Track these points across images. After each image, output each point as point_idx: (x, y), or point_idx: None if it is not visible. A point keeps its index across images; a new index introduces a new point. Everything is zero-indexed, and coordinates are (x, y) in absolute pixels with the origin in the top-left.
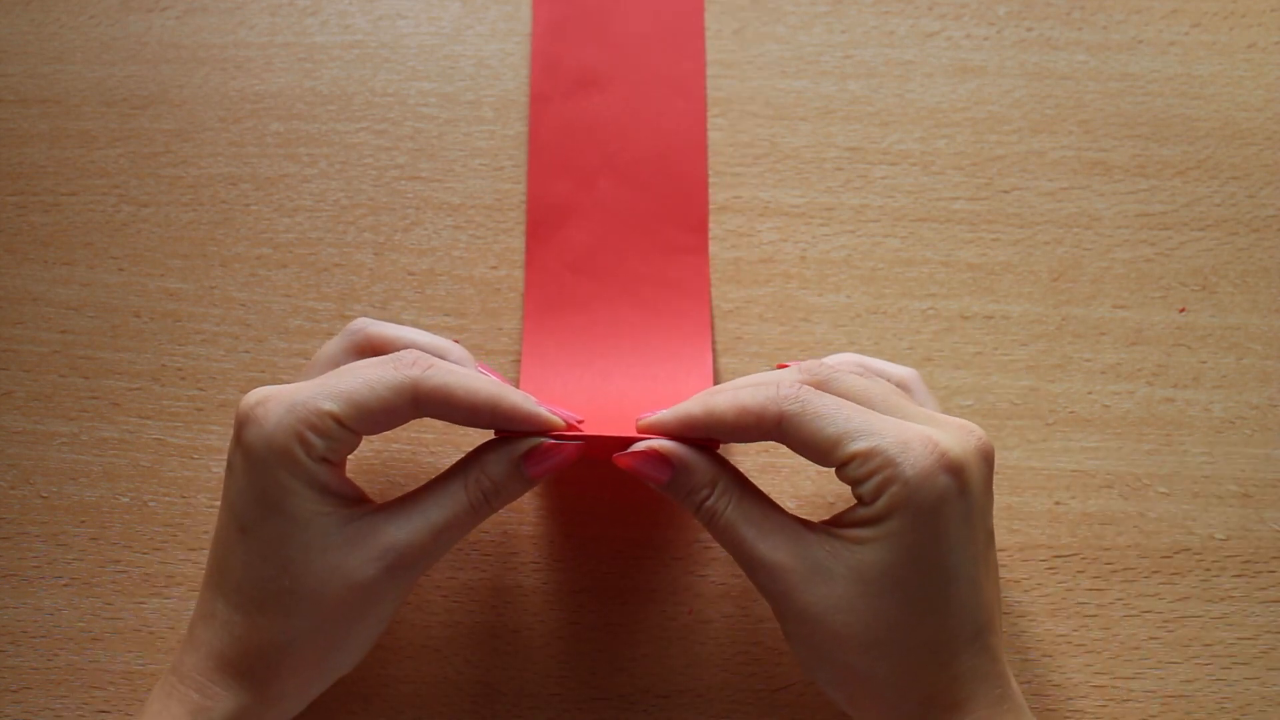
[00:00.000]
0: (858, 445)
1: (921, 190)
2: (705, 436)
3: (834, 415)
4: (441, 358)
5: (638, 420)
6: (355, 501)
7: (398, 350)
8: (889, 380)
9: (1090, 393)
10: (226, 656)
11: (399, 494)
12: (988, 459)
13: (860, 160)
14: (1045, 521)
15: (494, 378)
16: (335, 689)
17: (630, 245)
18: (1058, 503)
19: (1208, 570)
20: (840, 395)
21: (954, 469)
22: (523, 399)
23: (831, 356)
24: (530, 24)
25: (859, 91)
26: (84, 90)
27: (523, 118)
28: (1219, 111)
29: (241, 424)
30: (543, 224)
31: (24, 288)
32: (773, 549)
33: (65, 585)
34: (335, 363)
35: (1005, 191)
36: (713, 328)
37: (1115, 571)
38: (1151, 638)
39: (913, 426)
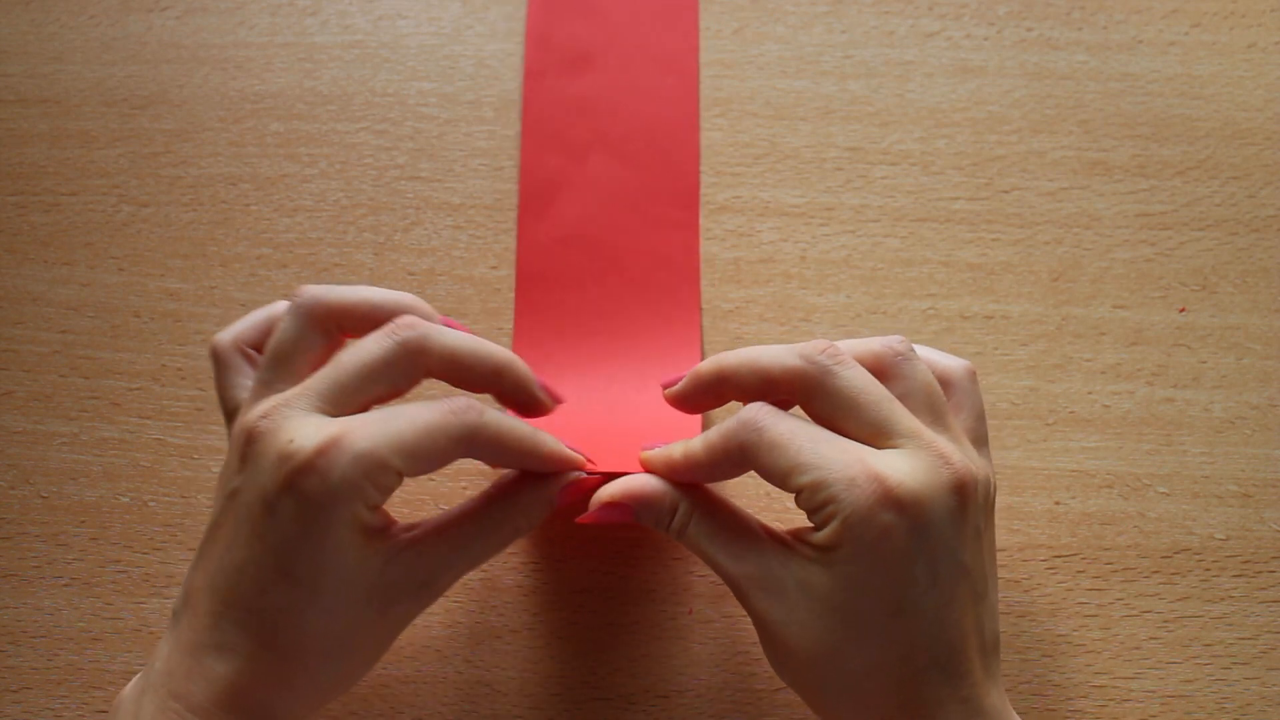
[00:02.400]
0: (804, 479)
1: (921, 190)
2: (693, 480)
3: (787, 445)
4: (409, 312)
5: (640, 454)
6: (388, 530)
7: (359, 312)
8: (935, 371)
9: (1090, 393)
10: (249, 691)
11: None
12: (961, 491)
13: (860, 160)
14: (1045, 521)
15: (507, 413)
16: None
17: (621, 220)
18: (1058, 503)
19: (1208, 570)
20: (834, 393)
21: (900, 505)
22: (555, 445)
23: (879, 338)
24: (526, 1)
25: (859, 91)
26: (84, 90)
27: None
28: (1219, 111)
29: (299, 472)
30: (535, 198)
31: (24, 288)
32: (734, 560)
33: (65, 585)
34: (301, 350)
35: (1005, 191)
36: (701, 304)
37: (1115, 571)
38: (1151, 638)
39: (868, 458)
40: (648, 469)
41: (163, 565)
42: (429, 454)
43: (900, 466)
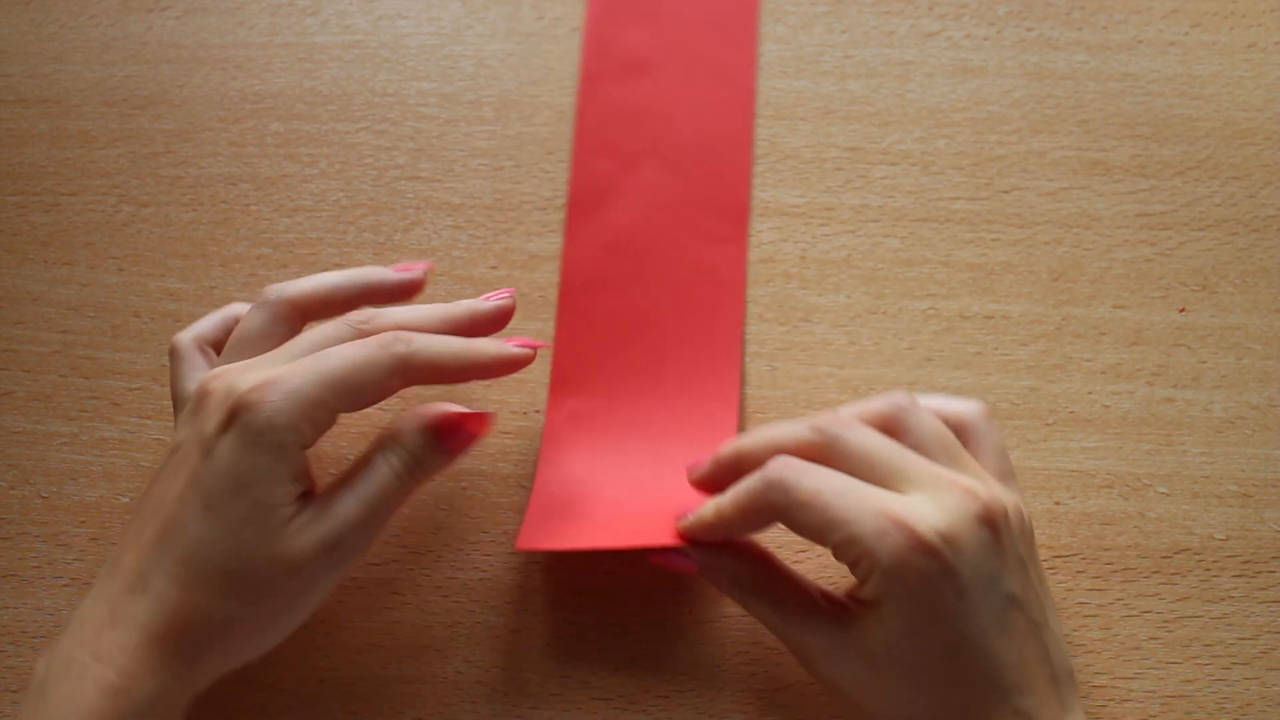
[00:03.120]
0: (836, 535)
1: (921, 190)
2: (728, 536)
3: (813, 503)
4: (367, 286)
5: (677, 524)
6: (309, 488)
7: (319, 298)
8: (945, 419)
9: (1090, 393)
10: (155, 633)
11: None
12: (991, 521)
13: (860, 160)
14: (1045, 521)
15: (460, 340)
16: (335, 689)
17: (668, 231)
18: (1058, 503)
19: (1208, 570)
20: (845, 457)
21: (932, 550)
22: (496, 347)
23: (881, 396)
24: (586, 5)
25: (859, 91)
26: (84, 90)
27: (522, 117)
28: (1219, 111)
29: (235, 411)
30: (584, 203)
31: (24, 288)
32: (794, 629)
33: (65, 585)
34: (266, 337)
35: (1005, 191)
36: (744, 319)
37: (1115, 571)
38: (1151, 638)
39: (892, 505)
40: (685, 540)
41: None
42: (362, 388)
43: (925, 509)
